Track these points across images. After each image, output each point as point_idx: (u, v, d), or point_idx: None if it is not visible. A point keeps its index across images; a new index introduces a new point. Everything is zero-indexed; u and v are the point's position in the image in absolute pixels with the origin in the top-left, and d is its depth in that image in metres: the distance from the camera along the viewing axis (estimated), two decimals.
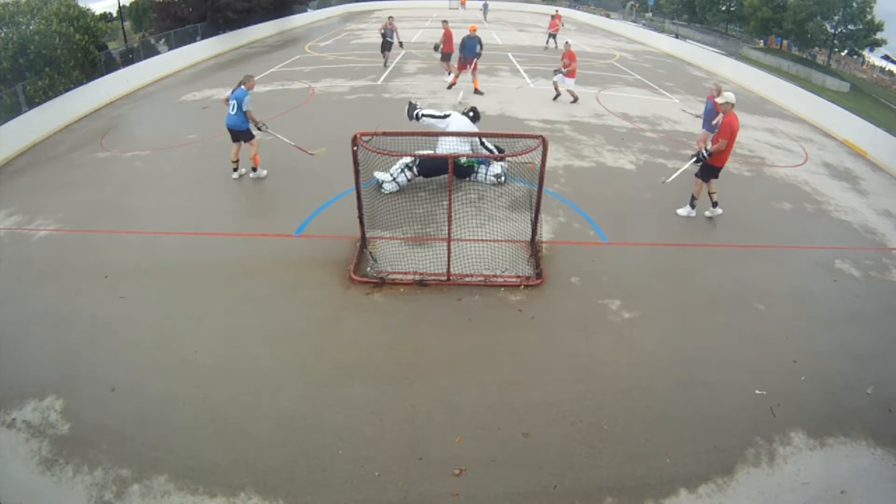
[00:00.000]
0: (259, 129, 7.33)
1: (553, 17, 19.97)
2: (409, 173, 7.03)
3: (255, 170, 7.70)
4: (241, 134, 7.39)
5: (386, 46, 14.58)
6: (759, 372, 4.45)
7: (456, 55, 12.11)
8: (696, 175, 6.74)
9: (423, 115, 7.64)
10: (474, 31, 11.65)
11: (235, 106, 7.18)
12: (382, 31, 14.45)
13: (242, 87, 7.19)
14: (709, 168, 6.55)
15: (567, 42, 12.15)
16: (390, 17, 14.57)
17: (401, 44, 14.83)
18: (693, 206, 6.90)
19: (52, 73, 11.35)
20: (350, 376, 4.28)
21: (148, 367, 4.38)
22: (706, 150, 6.49)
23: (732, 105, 6.31)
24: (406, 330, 4.82)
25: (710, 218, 6.92)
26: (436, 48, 12.75)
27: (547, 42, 19.66)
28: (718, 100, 6.57)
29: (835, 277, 5.92)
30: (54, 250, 6.14)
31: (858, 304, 5.47)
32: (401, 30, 14.99)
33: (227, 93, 7.33)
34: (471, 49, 11.54)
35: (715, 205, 6.87)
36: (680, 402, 4.14)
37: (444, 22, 12.85)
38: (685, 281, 5.66)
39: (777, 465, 3.68)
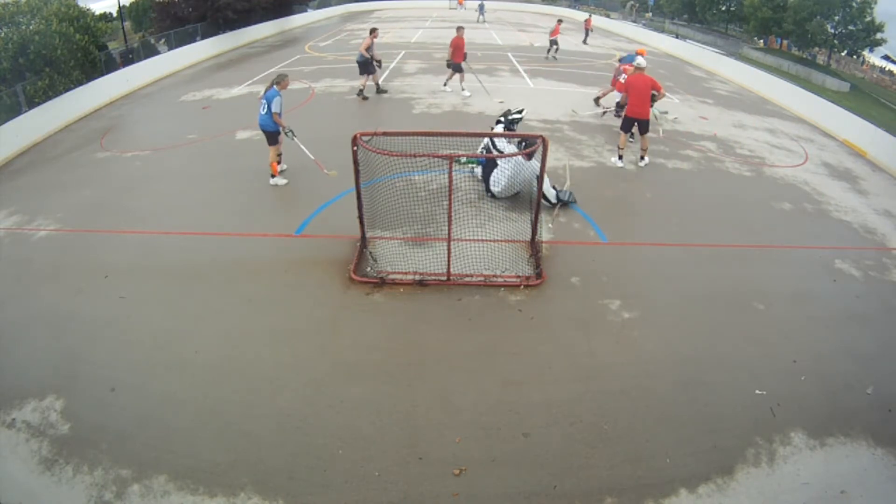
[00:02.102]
0: (285, 134, 7.09)
1: (559, 21, 17.58)
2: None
3: (273, 176, 7.46)
4: (267, 136, 7.16)
5: (365, 68, 11.26)
6: (759, 372, 4.45)
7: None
8: (620, 128, 8.38)
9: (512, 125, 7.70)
10: (643, 54, 9.93)
11: (266, 106, 6.93)
12: (368, 49, 10.91)
13: (275, 86, 6.92)
14: (627, 119, 8.20)
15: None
16: (373, 29, 11.21)
17: (379, 63, 11.64)
18: (620, 158, 8.36)
19: (52, 73, 11.35)
20: (350, 376, 4.28)
21: (148, 367, 4.38)
22: (617, 103, 8.51)
23: (637, 67, 8.30)
24: (406, 330, 4.81)
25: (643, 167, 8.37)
26: (448, 64, 11.63)
27: (549, 50, 17.09)
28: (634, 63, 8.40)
29: (835, 277, 5.92)
30: (54, 250, 6.15)
31: (858, 304, 5.47)
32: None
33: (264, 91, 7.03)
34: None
35: (642, 157, 8.46)
36: (680, 402, 4.14)
37: (460, 28, 11.34)
38: (685, 281, 5.66)
39: (777, 465, 3.67)
